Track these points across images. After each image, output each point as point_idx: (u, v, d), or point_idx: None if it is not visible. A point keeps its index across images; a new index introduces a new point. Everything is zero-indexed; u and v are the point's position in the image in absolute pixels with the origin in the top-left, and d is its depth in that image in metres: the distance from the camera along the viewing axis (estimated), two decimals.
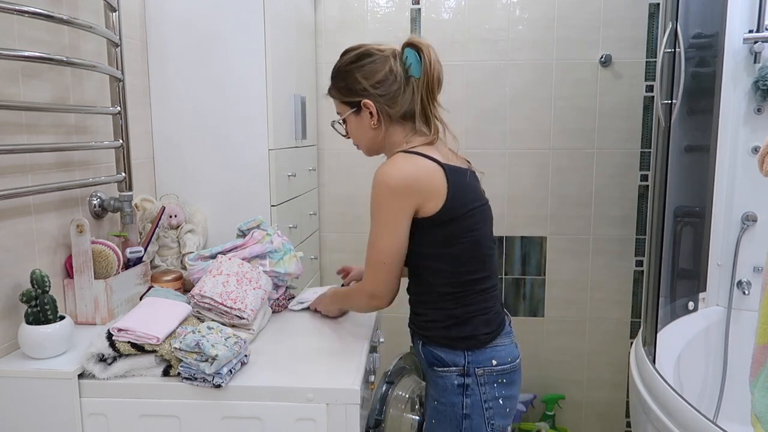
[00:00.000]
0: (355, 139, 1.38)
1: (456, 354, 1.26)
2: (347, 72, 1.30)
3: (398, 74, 1.27)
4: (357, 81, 1.28)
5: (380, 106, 1.28)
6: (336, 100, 1.35)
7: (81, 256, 1.36)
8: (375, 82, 1.27)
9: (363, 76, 1.27)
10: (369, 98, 1.28)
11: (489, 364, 1.26)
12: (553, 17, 2.36)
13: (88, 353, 1.16)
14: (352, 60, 1.29)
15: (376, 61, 1.27)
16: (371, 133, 1.32)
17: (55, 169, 1.40)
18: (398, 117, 1.30)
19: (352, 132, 1.37)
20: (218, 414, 1.16)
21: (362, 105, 1.29)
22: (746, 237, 2.23)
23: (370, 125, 1.30)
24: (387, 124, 1.30)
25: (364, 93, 1.28)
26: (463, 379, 1.25)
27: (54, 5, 1.38)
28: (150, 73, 1.82)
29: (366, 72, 1.27)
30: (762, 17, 2.09)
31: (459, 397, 1.25)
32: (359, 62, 1.28)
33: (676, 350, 2.02)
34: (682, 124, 2.09)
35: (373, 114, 1.29)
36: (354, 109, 1.31)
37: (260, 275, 1.50)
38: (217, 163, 1.84)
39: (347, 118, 1.34)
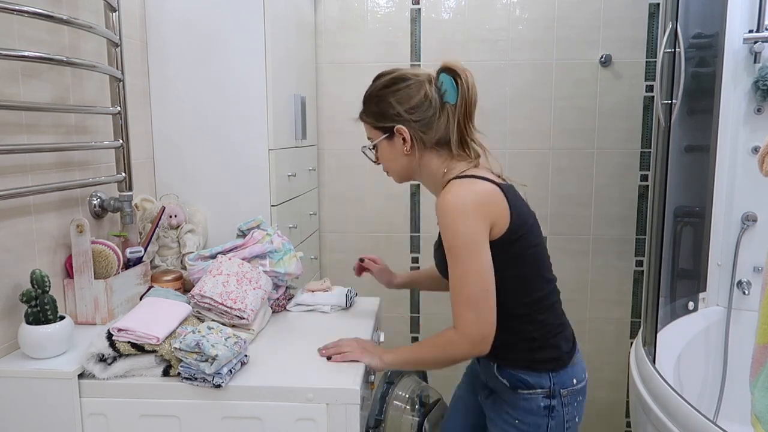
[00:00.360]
0: (386, 165, 1.34)
1: (541, 376, 1.23)
2: (381, 97, 1.27)
3: (433, 100, 1.25)
4: (391, 106, 1.25)
5: (414, 132, 1.25)
6: (367, 125, 1.33)
7: (81, 256, 1.36)
8: (410, 108, 1.24)
9: (397, 101, 1.25)
10: (403, 124, 1.25)
11: (571, 384, 1.25)
12: (553, 17, 2.36)
13: (88, 353, 1.16)
14: (386, 84, 1.27)
15: (411, 86, 1.25)
16: (404, 160, 1.29)
17: (55, 169, 1.40)
18: (432, 143, 1.27)
19: (383, 158, 1.33)
20: (218, 414, 1.16)
21: (395, 131, 1.26)
22: (746, 237, 2.23)
23: (403, 151, 1.27)
24: (421, 151, 1.27)
25: (397, 118, 1.25)
26: (549, 401, 1.23)
27: (54, 5, 1.38)
28: (150, 73, 1.82)
29: (400, 97, 1.25)
30: (762, 17, 2.09)
31: (545, 419, 1.24)
32: (393, 87, 1.26)
33: (676, 350, 2.02)
34: (682, 124, 2.08)
35: (406, 140, 1.26)
36: (386, 134, 1.28)
37: (260, 275, 1.50)
38: (217, 163, 1.84)
39: (379, 144, 1.31)
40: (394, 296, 2.55)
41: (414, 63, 2.41)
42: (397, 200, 2.51)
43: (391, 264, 2.53)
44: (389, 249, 2.54)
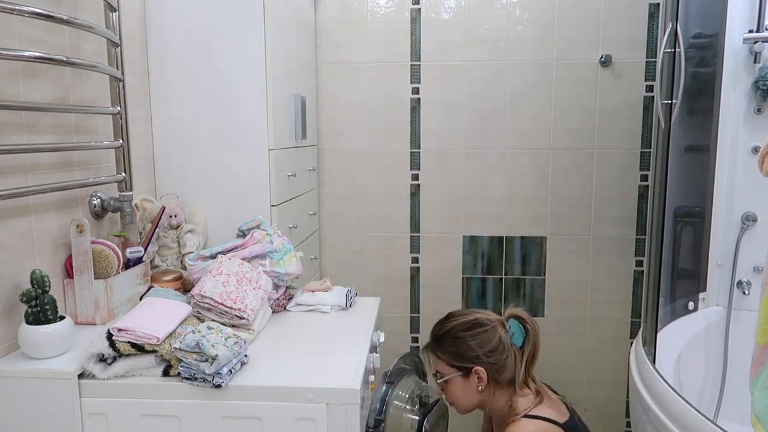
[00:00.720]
0: (455, 399, 1.43)
1: None
2: (460, 338, 1.37)
3: (506, 343, 1.36)
4: (471, 348, 1.35)
5: (490, 373, 1.35)
6: (441, 361, 1.41)
7: (81, 256, 1.36)
8: (488, 351, 1.35)
9: (477, 345, 1.35)
10: (481, 365, 1.35)
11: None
12: (553, 17, 2.36)
13: (88, 353, 1.16)
14: (465, 327, 1.37)
15: (488, 330, 1.36)
16: (477, 397, 1.39)
17: (55, 169, 1.40)
18: (503, 382, 1.37)
19: (453, 392, 1.42)
20: (218, 414, 1.16)
21: (473, 371, 1.35)
22: (746, 237, 2.23)
23: (477, 389, 1.37)
24: (493, 388, 1.37)
25: (477, 360, 1.36)
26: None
27: (54, 5, 1.38)
28: (150, 73, 1.82)
29: (480, 341, 1.35)
30: (762, 17, 2.09)
31: None
32: (472, 330, 1.36)
33: (676, 350, 2.02)
34: (682, 124, 2.08)
35: (482, 380, 1.35)
36: (461, 372, 1.38)
37: (260, 275, 1.50)
38: (217, 163, 1.84)
39: (451, 380, 1.40)
40: (394, 296, 2.55)
41: (414, 63, 2.41)
42: (397, 200, 2.51)
43: (391, 264, 2.54)
44: (389, 249, 2.54)
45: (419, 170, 2.49)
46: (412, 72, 2.43)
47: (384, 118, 2.47)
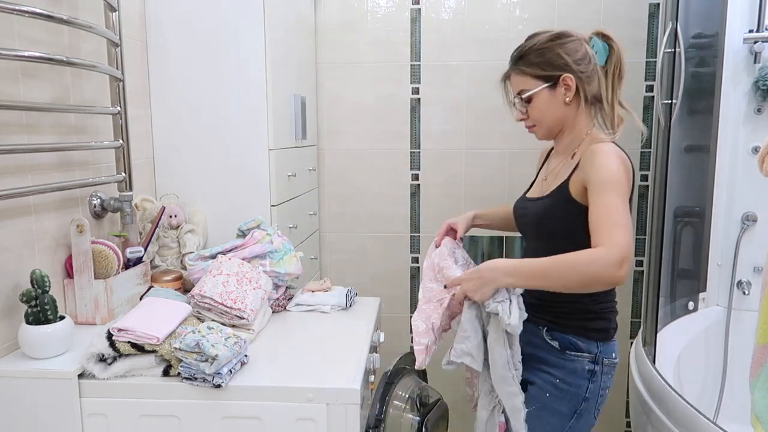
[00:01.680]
0: (540, 116, 1.35)
1: (590, 343, 1.33)
2: (547, 48, 1.31)
3: (592, 56, 1.31)
4: (559, 56, 1.30)
5: (580, 82, 1.30)
6: (526, 76, 1.34)
7: (81, 256, 1.36)
8: (577, 59, 1.30)
9: (565, 52, 1.30)
10: (570, 73, 1.30)
11: (611, 357, 1.35)
12: (553, 17, 2.36)
13: (88, 353, 1.16)
14: (552, 38, 1.32)
15: (574, 40, 1.31)
16: (563, 110, 1.33)
17: (55, 169, 1.40)
18: (590, 98, 1.33)
19: (538, 108, 1.34)
20: (218, 414, 1.16)
21: (561, 80, 1.30)
22: (746, 237, 2.23)
23: (564, 101, 1.32)
24: (578, 103, 1.33)
25: (566, 68, 1.30)
26: (593, 365, 1.33)
27: (54, 5, 1.38)
28: (150, 73, 1.82)
29: (568, 49, 1.30)
30: (762, 17, 2.09)
31: (586, 381, 1.33)
32: (559, 40, 1.31)
33: (676, 350, 2.02)
34: (682, 124, 2.08)
35: (570, 89, 1.30)
36: (549, 83, 1.31)
37: (260, 275, 1.50)
38: (217, 163, 1.84)
39: (537, 94, 1.33)
40: (394, 296, 2.55)
41: (414, 63, 2.41)
42: (397, 200, 2.51)
43: (391, 264, 2.54)
44: (389, 249, 2.54)
45: (419, 170, 2.49)
46: (412, 72, 2.43)
47: (384, 118, 2.47)
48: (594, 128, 1.35)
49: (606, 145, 1.25)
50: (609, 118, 1.33)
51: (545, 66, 1.31)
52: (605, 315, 1.35)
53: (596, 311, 1.34)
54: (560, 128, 1.38)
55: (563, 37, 1.31)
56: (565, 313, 1.34)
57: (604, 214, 1.18)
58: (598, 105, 1.35)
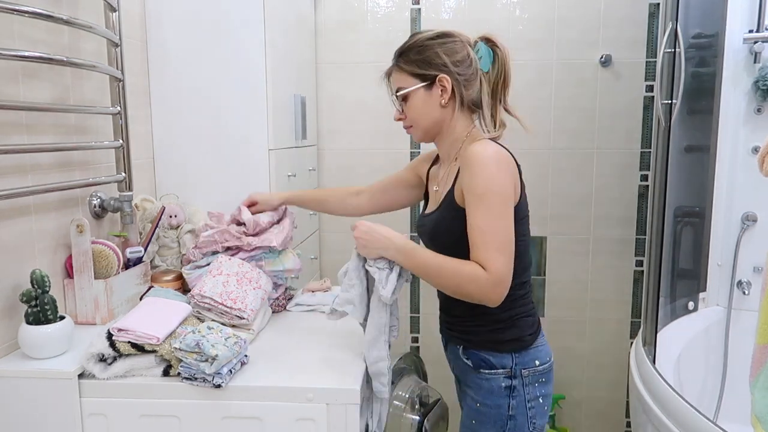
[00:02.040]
0: (416, 116, 1.31)
1: (503, 356, 1.26)
2: (427, 46, 1.27)
3: (474, 61, 1.27)
4: (437, 55, 1.25)
5: (456, 85, 1.26)
6: (404, 74, 1.30)
7: (81, 256, 1.36)
8: (455, 61, 1.25)
9: (444, 52, 1.25)
10: (447, 74, 1.25)
11: (533, 365, 1.27)
12: (553, 17, 2.36)
13: (88, 353, 1.16)
14: (432, 37, 1.28)
15: (456, 42, 1.27)
16: (438, 112, 1.28)
17: (55, 169, 1.40)
18: (468, 103, 1.28)
19: (413, 108, 1.30)
20: (218, 414, 1.16)
21: (438, 80, 1.26)
22: (746, 237, 2.23)
23: (440, 103, 1.27)
24: (454, 106, 1.28)
25: (443, 68, 1.25)
26: (510, 380, 1.26)
27: (54, 5, 1.38)
28: (150, 73, 1.82)
29: (447, 49, 1.26)
30: (762, 17, 2.09)
31: (505, 399, 1.26)
32: (440, 39, 1.27)
33: (676, 350, 2.02)
34: (682, 124, 2.09)
35: (446, 91, 1.26)
36: (426, 83, 1.27)
37: (260, 275, 1.50)
38: (217, 163, 1.84)
39: (412, 93, 1.29)
40: None
41: None
42: None
43: None
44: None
45: None
46: None
47: (384, 118, 2.47)
48: (474, 129, 1.31)
49: (483, 147, 1.19)
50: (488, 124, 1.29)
51: (422, 64, 1.27)
52: (517, 322, 1.28)
53: (504, 319, 1.26)
54: (437, 130, 1.32)
55: (445, 37, 1.27)
56: (473, 326, 1.28)
57: (479, 234, 1.16)
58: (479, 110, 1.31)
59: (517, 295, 1.26)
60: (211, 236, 1.55)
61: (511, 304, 1.25)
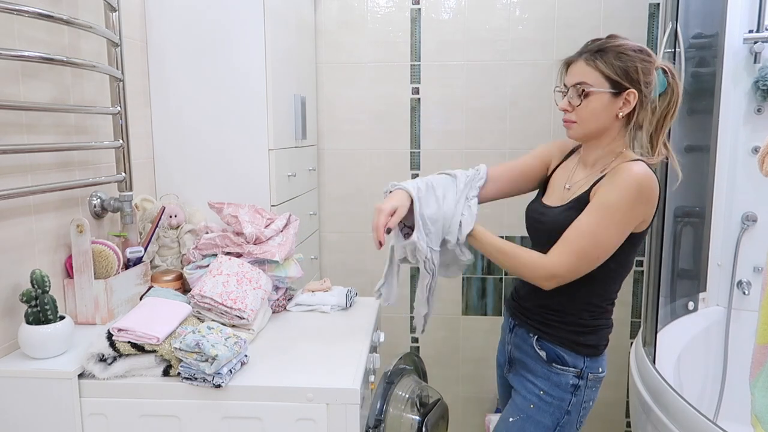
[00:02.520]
0: (588, 116, 1.30)
1: (577, 358, 1.33)
2: (630, 57, 1.27)
3: (655, 87, 1.28)
4: (637, 70, 1.26)
5: (639, 105, 1.28)
6: (596, 71, 1.28)
7: (81, 256, 1.36)
8: (647, 81, 1.27)
9: (643, 70, 1.26)
10: (638, 91, 1.26)
11: (597, 372, 1.36)
12: (553, 17, 2.36)
13: (88, 353, 1.16)
14: (636, 49, 1.28)
15: (652, 63, 1.28)
16: (609, 121, 1.29)
17: (55, 169, 1.40)
18: (637, 123, 1.30)
19: (589, 108, 1.29)
20: (218, 414, 1.16)
21: (626, 93, 1.26)
22: (746, 237, 2.23)
23: (617, 113, 1.28)
24: (625, 123, 1.30)
25: (636, 84, 1.26)
26: (577, 380, 1.34)
27: (54, 5, 1.38)
28: (150, 73, 1.82)
29: (645, 68, 1.27)
30: (762, 17, 2.09)
31: (569, 395, 1.34)
32: (642, 55, 1.27)
33: (676, 350, 2.02)
34: (682, 124, 2.08)
35: (628, 105, 1.27)
36: (615, 91, 1.27)
37: (260, 275, 1.50)
38: (217, 163, 1.84)
39: (595, 94, 1.28)
40: None
41: (414, 63, 2.41)
42: None
43: None
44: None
45: (419, 170, 2.49)
46: (412, 72, 2.43)
47: (384, 118, 2.47)
48: (628, 149, 1.32)
49: (638, 167, 1.23)
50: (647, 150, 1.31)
51: (620, 72, 1.26)
52: (598, 331, 1.35)
53: (589, 326, 1.34)
54: (597, 137, 1.33)
55: (646, 55, 1.28)
56: (556, 323, 1.34)
57: (577, 233, 1.23)
58: (638, 133, 1.32)
59: (606, 308, 1.35)
60: (212, 240, 1.55)
61: (599, 313, 1.34)
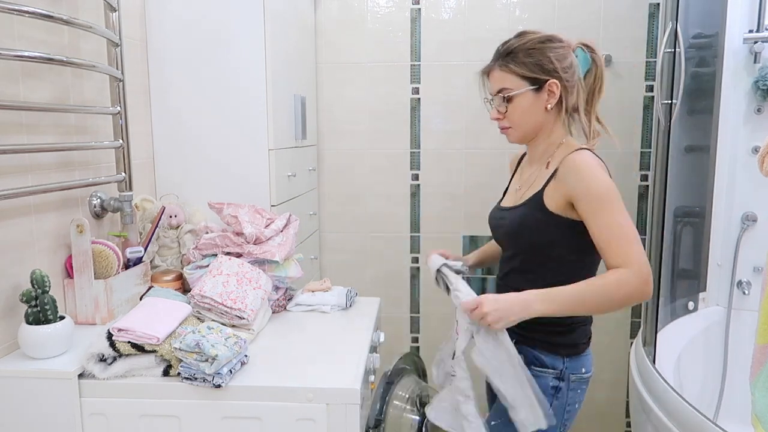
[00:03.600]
0: (518, 118, 1.31)
1: (556, 359, 1.30)
2: (539, 50, 1.26)
3: (576, 67, 1.28)
4: (549, 60, 1.25)
5: (563, 91, 1.27)
6: (511, 75, 1.28)
7: (81, 256, 1.36)
8: (564, 66, 1.26)
9: (556, 58, 1.26)
10: (557, 80, 1.26)
11: (580, 372, 1.31)
12: (553, 17, 2.36)
13: (88, 353, 1.16)
14: (543, 40, 1.27)
15: (564, 47, 1.27)
16: (541, 116, 1.29)
17: (55, 169, 1.40)
18: (569, 107, 1.29)
19: (517, 111, 1.30)
20: (218, 414, 1.16)
21: (547, 85, 1.26)
22: (746, 237, 2.23)
23: (545, 107, 1.28)
24: (557, 112, 1.30)
25: (554, 73, 1.26)
26: (558, 382, 1.29)
27: (54, 5, 1.38)
28: (150, 73, 1.82)
29: (558, 54, 1.26)
30: (762, 17, 2.09)
31: (550, 398, 1.29)
32: (550, 43, 1.27)
33: (676, 350, 2.02)
34: (682, 124, 2.08)
35: (554, 96, 1.27)
36: (535, 86, 1.27)
37: (260, 275, 1.50)
38: (217, 163, 1.84)
39: (518, 96, 1.28)
40: (394, 296, 2.55)
41: (414, 63, 2.41)
42: (397, 200, 2.51)
43: (391, 264, 2.54)
44: (389, 249, 2.54)
45: (419, 170, 2.49)
46: (412, 72, 2.43)
47: (384, 118, 2.47)
48: (568, 136, 1.32)
49: (584, 155, 1.22)
50: (585, 131, 1.31)
51: (534, 68, 1.26)
52: (575, 329, 1.31)
53: (564, 324, 1.29)
54: (535, 134, 1.33)
55: (554, 41, 1.27)
56: (531, 325, 1.25)
57: (614, 234, 1.17)
58: (575, 116, 1.32)
59: None
60: (213, 240, 1.55)
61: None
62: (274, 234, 1.60)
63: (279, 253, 1.54)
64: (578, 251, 1.26)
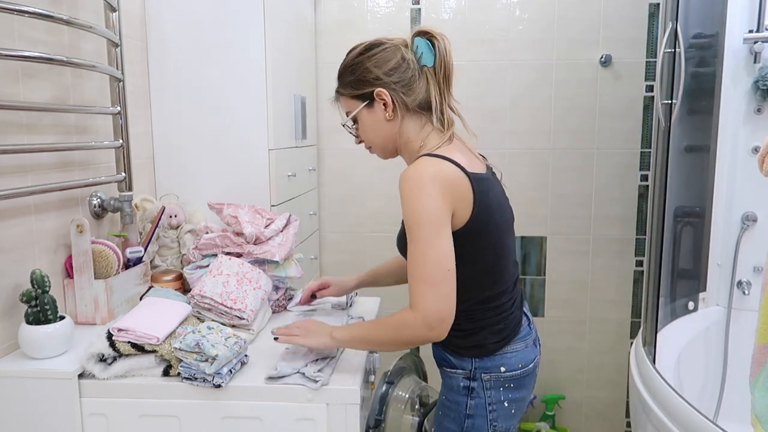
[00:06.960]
0: (369, 137, 1.27)
1: (463, 360, 1.24)
2: (356, 64, 1.23)
3: (411, 62, 1.21)
4: (368, 71, 1.20)
5: (395, 94, 1.20)
6: (345, 97, 1.26)
7: (81, 256, 1.36)
8: (388, 70, 1.20)
9: (374, 65, 1.20)
10: (383, 87, 1.19)
11: (496, 371, 1.23)
12: (553, 17, 2.36)
13: (88, 353, 1.16)
14: (360, 52, 1.23)
15: (386, 49, 1.21)
16: (386, 128, 1.23)
17: (55, 169, 1.40)
18: (414, 107, 1.22)
19: (365, 131, 1.26)
20: (218, 414, 1.16)
21: (375, 95, 1.20)
22: (746, 237, 2.23)
23: (385, 117, 1.21)
24: (403, 115, 1.22)
25: (377, 82, 1.20)
26: (469, 382, 1.23)
27: (54, 5, 1.38)
28: (150, 73, 1.82)
29: (377, 60, 1.21)
30: (762, 17, 2.09)
31: (464, 398, 1.24)
32: (368, 52, 1.22)
33: (676, 350, 2.02)
34: (682, 124, 2.08)
35: (387, 104, 1.20)
36: (366, 102, 1.22)
37: (260, 275, 1.50)
38: (217, 163, 1.84)
39: (359, 116, 1.24)
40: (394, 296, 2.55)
41: None
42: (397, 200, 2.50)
43: None
44: (389, 249, 2.53)
45: None
46: None
47: None
48: (431, 135, 1.23)
49: (413, 170, 1.12)
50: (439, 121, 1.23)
51: (357, 84, 1.22)
52: (480, 331, 1.22)
53: (468, 329, 1.22)
54: (394, 146, 1.26)
55: (373, 48, 1.22)
56: None
57: (414, 266, 1.10)
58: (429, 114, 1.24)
59: (482, 309, 1.22)
60: (212, 240, 1.55)
61: (474, 316, 1.22)
62: (274, 234, 1.60)
63: (279, 253, 1.54)
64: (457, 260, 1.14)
